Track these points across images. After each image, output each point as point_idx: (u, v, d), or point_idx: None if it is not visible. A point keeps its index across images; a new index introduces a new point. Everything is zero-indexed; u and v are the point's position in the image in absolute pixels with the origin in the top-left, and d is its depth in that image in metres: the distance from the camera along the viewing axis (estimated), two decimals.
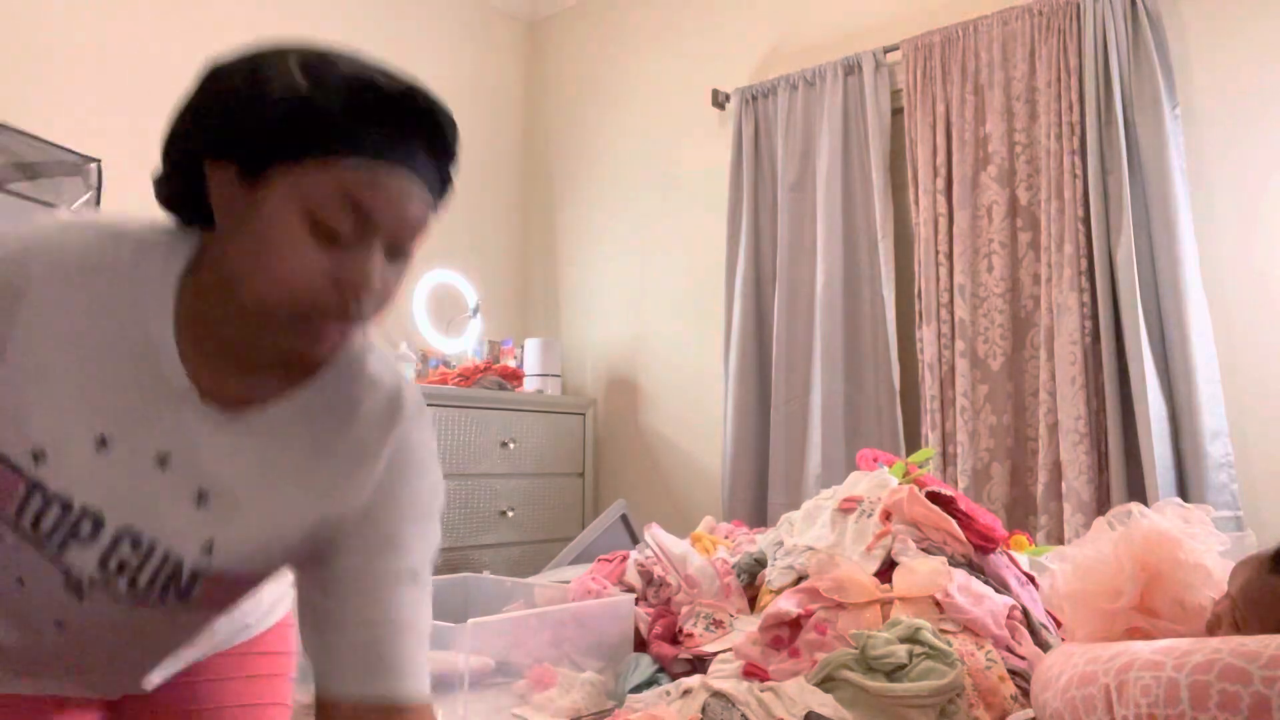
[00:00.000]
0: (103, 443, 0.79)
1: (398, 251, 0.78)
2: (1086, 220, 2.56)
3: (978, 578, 1.66)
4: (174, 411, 0.80)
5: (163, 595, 0.85)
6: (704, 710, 1.33)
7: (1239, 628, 1.21)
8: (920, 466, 2.15)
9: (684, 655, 1.78)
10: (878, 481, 1.93)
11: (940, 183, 2.85)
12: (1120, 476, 2.44)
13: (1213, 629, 1.25)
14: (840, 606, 1.59)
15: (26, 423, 0.77)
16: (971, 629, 1.51)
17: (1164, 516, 1.42)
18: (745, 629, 1.75)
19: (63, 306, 0.76)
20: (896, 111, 3.05)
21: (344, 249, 0.74)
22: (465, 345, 3.71)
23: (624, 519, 2.98)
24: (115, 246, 0.79)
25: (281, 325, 0.76)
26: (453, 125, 0.78)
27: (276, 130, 0.71)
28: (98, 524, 0.80)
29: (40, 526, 0.80)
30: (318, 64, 0.73)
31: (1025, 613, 1.63)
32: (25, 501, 0.79)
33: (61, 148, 2.24)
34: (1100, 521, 1.47)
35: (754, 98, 3.34)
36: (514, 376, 3.52)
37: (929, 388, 2.81)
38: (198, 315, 0.79)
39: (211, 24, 3.11)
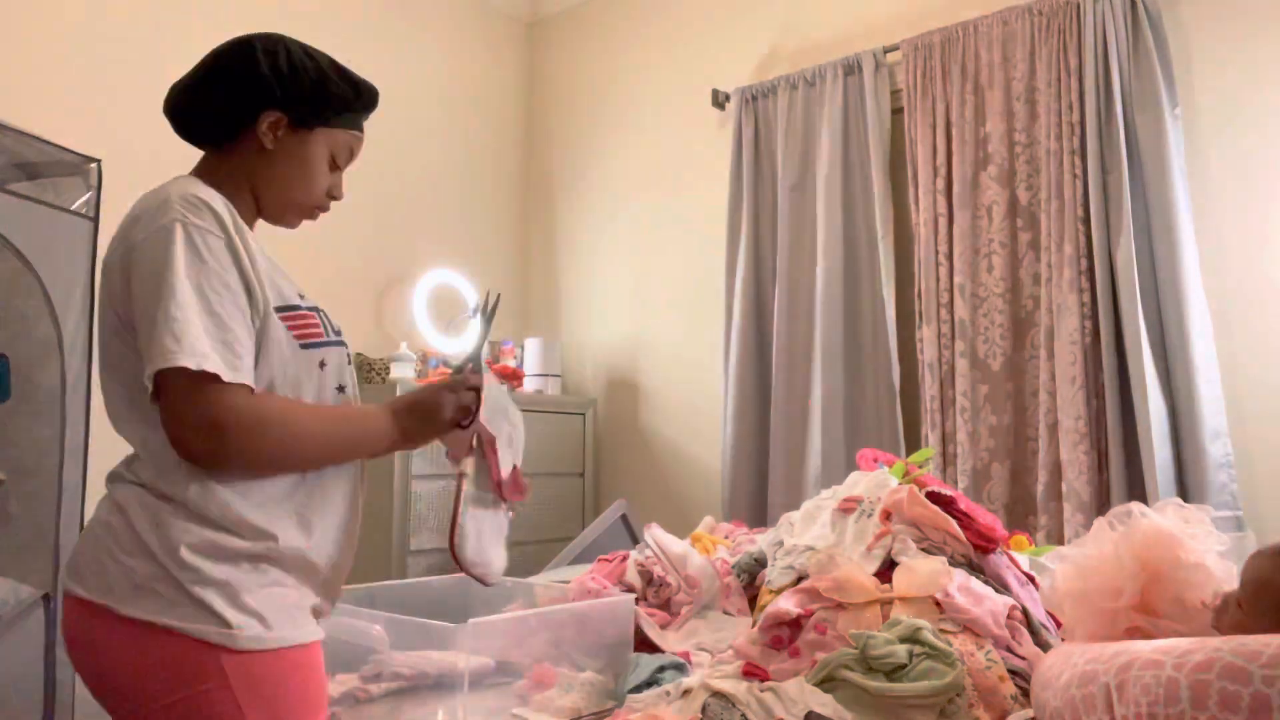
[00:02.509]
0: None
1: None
2: (1086, 220, 2.56)
3: (978, 578, 1.66)
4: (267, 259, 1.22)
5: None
6: (704, 710, 1.34)
7: (1242, 609, 1.22)
8: (920, 466, 2.14)
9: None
10: (878, 481, 1.92)
11: (940, 183, 2.84)
12: (1120, 476, 2.44)
13: (1219, 615, 1.26)
14: (840, 606, 1.59)
15: (280, 283, 1.16)
16: (971, 629, 1.51)
17: (1164, 516, 1.42)
18: (745, 629, 1.74)
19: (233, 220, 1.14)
20: (896, 111, 3.05)
21: (334, 173, 1.28)
22: (465, 345, 3.71)
23: (624, 519, 2.97)
24: (197, 188, 1.14)
25: (298, 212, 1.27)
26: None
27: (333, 109, 1.22)
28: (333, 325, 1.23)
29: (336, 330, 1.22)
30: (331, 62, 1.24)
31: (1025, 613, 1.63)
32: (322, 322, 1.19)
33: (61, 148, 2.23)
34: (1100, 521, 1.47)
35: (754, 98, 3.34)
36: (514, 376, 3.52)
37: (929, 388, 2.81)
38: (244, 208, 1.23)
39: (211, 24, 3.10)
